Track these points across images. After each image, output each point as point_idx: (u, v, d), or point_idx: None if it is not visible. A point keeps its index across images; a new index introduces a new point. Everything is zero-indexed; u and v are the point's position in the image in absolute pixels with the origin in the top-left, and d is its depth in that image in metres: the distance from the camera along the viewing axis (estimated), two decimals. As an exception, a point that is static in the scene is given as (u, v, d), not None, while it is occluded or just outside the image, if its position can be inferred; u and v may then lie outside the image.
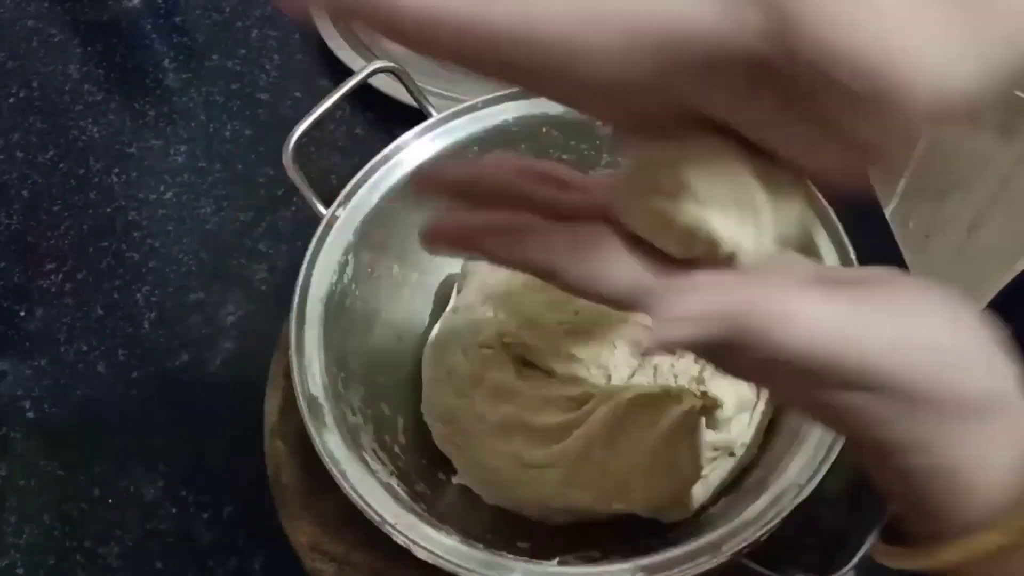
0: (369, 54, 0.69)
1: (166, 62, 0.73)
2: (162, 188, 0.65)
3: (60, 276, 0.62)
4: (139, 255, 0.62)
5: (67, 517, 0.53)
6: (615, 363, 0.48)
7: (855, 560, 0.40)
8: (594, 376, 0.48)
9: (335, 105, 0.52)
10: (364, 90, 0.56)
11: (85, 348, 0.59)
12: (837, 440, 0.41)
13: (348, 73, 0.54)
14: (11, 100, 0.71)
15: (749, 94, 0.24)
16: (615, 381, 0.48)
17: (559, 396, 0.47)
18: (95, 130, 0.69)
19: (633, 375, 0.48)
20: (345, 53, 0.68)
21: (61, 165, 0.67)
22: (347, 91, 0.52)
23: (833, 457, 0.41)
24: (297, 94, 0.69)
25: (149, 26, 0.75)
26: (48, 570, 0.52)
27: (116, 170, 0.66)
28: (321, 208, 0.50)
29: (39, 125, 0.69)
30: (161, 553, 0.52)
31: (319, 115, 0.51)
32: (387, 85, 0.63)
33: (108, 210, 0.65)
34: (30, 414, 0.57)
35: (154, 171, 0.66)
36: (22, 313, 0.61)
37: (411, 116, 0.54)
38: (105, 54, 0.73)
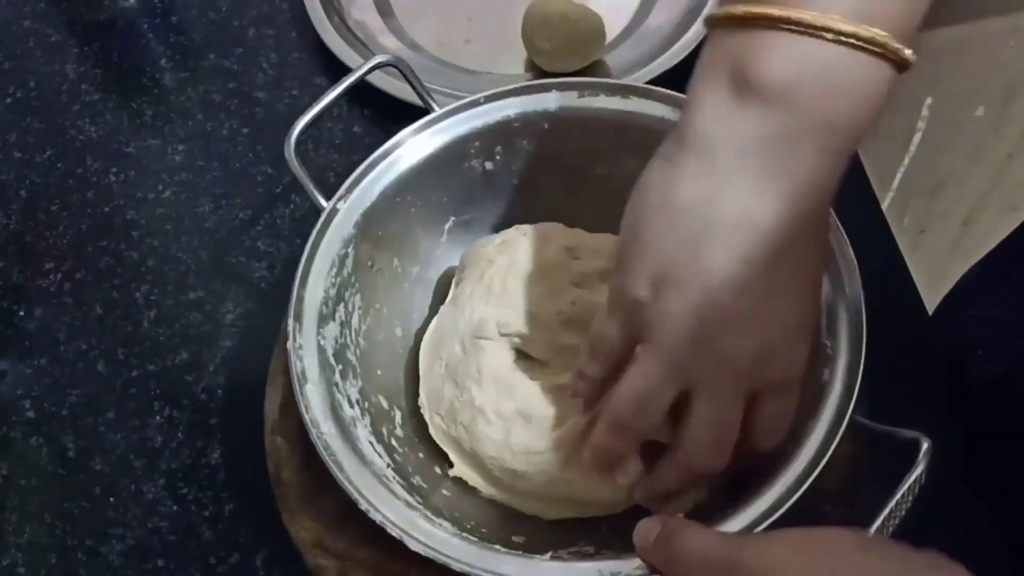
0: (366, 51, 0.69)
1: (163, 61, 0.73)
2: (160, 187, 0.65)
3: (59, 276, 0.62)
4: (138, 254, 0.62)
5: (68, 516, 0.53)
6: None
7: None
8: None
9: (333, 103, 0.52)
10: (361, 87, 0.56)
11: (84, 347, 0.59)
12: (835, 435, 0.41)
13: (345, 71, 0.54)
14: (8, 100, 0.71)
15: None
16: None
17: (556, 385, 0.48)
18: (93, 130, 0.69)
19: None
20: (342, 51, 0.68)
21: (59, 165, 0.67)
22: (349, 85, 0.52)
23: (831, 450, 0.41)
24: (295, 92, 0.69)
25: (146, 25, 0.75)
26: (49, 569, 0.52)
27: (114, 169, 0.66)
28: (322, 201, 0.50)
29: (36, 125, 0.69)
30: (162, 551, 0.52)
31: (321, 108, 0.51)
32: (385, 82, 0.64)
33: (106, 209, 0.65)
34: (30, 413, 0.57)
35: (152, 170, 0.66)
36: (21, 313, 0.61)
37: (409, 113, 0.54)
38: (102, 54, 0.73)
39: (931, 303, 0.63)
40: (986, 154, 1.19)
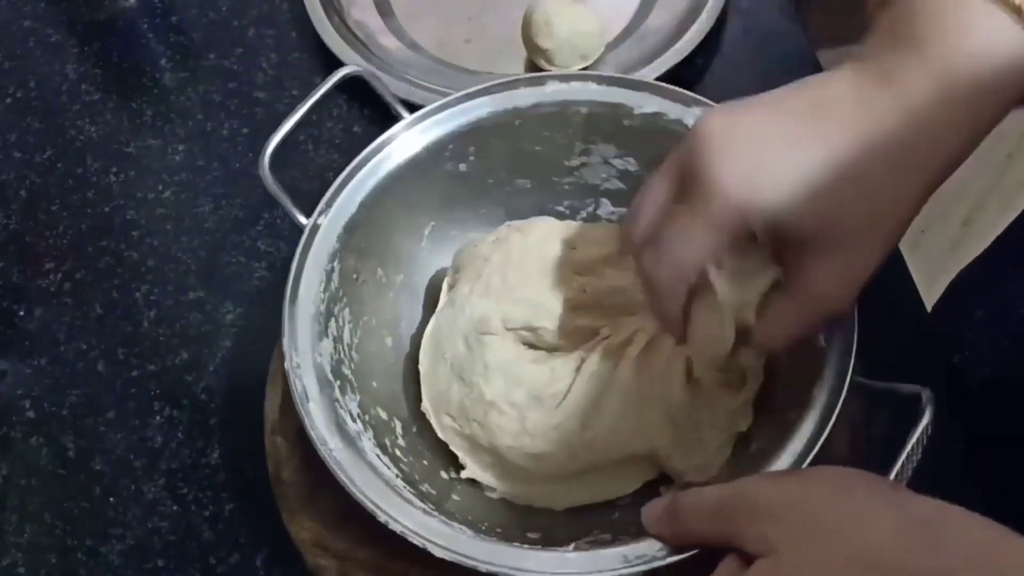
0: (366, 51, 0.69)
1: (163, 61, 0.73)
2: (160, 187, 0.65)
3: (59, 276, 0.62)
4: (138, 254, 0.62)
5: (68, 516, 0.53)
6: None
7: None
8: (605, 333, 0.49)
9: (332, 104, 0.52)
10: (361, 87, 0.56)
11: (84, 347, 0.59)
12: (840, 393, 0.42)
13: (345, 71, 0.54)
14: (8, 100, 0.71)
15: None
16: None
17: (563, 362, 0.48)
18: (92, 130, 0.69)
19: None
20: (342, 51, 0.68)
21: (59, 165, 0.67)
22: (315, 100, 0.52)
23: (837, 411, 0.41)
24: (295, 92, 0.69)
25: (146, 25, 0.75)
26: (49, 569, 0.52)
27: (114, 169, 0.66)
28: (301, 218, 0.50)
29: (36, 125, 0.69)
30: (162, 551, 0.52)
31: (292, 125, 0.52)
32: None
33: (106, 209, 0.65)
34: (30, 414, 0.57)
35: (152, 170, 0.66)
36: (21, 313, 0.61)
37: (408, 112, 0.54)
38: (102, 54, 0.73)
39: (931, 303, 0.63)
40: (986, 154, 1.19)
